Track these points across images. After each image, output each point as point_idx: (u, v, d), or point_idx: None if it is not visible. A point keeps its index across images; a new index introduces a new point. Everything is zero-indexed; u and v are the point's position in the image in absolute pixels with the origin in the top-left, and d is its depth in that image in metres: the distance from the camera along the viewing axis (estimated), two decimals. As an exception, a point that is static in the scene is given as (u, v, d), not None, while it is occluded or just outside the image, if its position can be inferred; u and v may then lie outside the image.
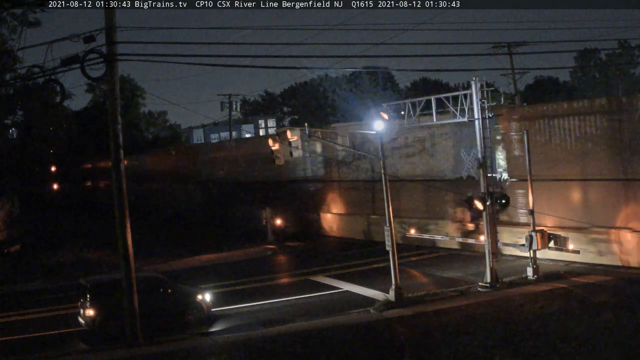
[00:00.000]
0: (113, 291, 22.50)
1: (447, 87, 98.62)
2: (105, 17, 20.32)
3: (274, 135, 27.24)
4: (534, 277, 26.31)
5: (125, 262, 21.01)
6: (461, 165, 33.10)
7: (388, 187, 24.98)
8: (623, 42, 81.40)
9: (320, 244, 40.90)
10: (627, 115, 27.54)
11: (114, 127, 20.97)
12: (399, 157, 37.39)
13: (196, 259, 37.81)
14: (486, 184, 25.58)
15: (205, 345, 20.99)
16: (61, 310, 26.23)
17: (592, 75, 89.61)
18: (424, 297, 24.83)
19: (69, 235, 47.15)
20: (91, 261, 35.39)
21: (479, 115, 25.66)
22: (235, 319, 24.00)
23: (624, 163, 27.58)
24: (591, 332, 19.30)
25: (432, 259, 33.07)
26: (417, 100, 27.33)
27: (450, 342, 19.39)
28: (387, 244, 24.73)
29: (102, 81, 26.75)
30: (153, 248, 39.37)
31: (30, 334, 23.27)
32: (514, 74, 56.82)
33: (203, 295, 24.13)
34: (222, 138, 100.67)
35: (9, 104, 45.46)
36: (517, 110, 34.63)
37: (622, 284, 24.77)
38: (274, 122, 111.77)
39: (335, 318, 23.06)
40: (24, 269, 35.18)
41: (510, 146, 31.83)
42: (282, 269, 35.28)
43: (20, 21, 41.04)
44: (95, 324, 22.21)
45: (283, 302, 26.33)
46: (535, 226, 26.77)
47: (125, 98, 71.93)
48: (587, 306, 22.10)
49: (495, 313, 22.27)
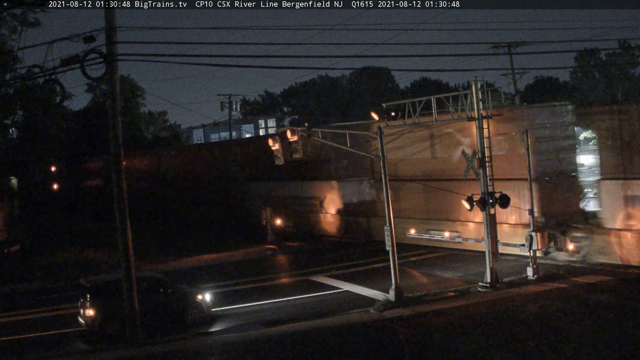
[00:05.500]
0: (113, 291, 22.50)
1: (447, 87, 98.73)
2: (105, 17, 20.33)
3: (274, 135, 27.24)
4: (534, 277, 26.31)
5: (125, 262, 21.01)
6: (462, 165, 33.02)
7: (388, 187, 24.98)
8: (623, 42, 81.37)
9: (320, 244, 40.88)
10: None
11: (114, 127, 20.98)
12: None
13: (196, 259, 37.82)
14: (486, 183, 25.58)
15: (205, 345, 20.99)
16: (61, 310, 26.24)
17: (592, 76, 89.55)
18: (424, 297, 24.83)
19: (69, 235, 47.12)
20: (91, 261, 35.34)
21: (479, 115, 25.70)
22: (235, 319, 24.00)
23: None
24: (591, 332, 19.30)
25: (432, 259, 33.07)
26: (417, 100, 27.33)
27: (450, 342, 19.40)
28: (387, 244, 24.73)
29: (102, 81, 26.77)
30: (153, 248, 39.34)
31: (30, 334, 23.27)
32: (514, 74, 56.74)
33: (203, 295, 24.13)
34: (222, 138, 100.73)
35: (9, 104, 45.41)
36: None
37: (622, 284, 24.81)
38: (274, 122, 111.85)
39: (335, 318, 23.06)
40: (24, 269, 35.15)
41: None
42: (282, 269, 35.27)
43: (20, 21, 40.96)
44: (95, 324, 22.21)
45: (283, 302, 26.32)
46: (534, 226, 26.79)
47: (125, 98, 71.90)
48: (587, 306, 22.10)
49: (495, 313, 22.27)
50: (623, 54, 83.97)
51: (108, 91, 21.46)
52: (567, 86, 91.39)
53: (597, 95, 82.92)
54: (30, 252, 40.06)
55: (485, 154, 25.77)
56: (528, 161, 27.32)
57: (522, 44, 54.13)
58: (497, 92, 52.05)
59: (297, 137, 25.73)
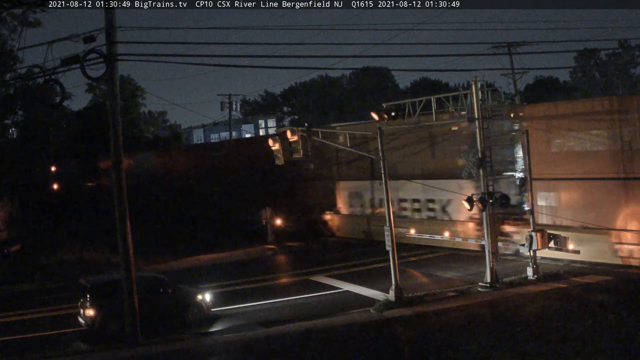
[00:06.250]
0: (113, 291, 22.51)
1: (447, 87, 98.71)
2: (105, 17, 20.32)
3: (274, 136, 27.22)
4: (534, 277, 26.30)
5: (125, 262, 21.00)
6: (462, 165, 33.03)
7: (388, 186, 24.97)
8: (623, 42, 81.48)
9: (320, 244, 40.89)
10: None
11: (114, 127, 20.98)
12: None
13: (196, 259, 37.83)
14: (486, 183, 25.58)
15: (205, 345, 20.99)
16: (61, 310, 26.24)
17: (592, 75, 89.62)
18: (424, 297, 24.82)
19: (69, 235, 47.09)
20: (91, 261, 35.36)
21: (479, 115, 25.69)
22: (235, 319, 24.01)
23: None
24: (591, 332, 19.28)
25: (432, 259, 33.07)
26: (417, 100, 27.32)
27: (450, 342, 19.39)
28: (387, 244, 24.72)
29: (102, 81, 26.75)
30: (153, 248, 39.33)
31: (30, 334, 23.27)
32: (514, 74, 56.76)
33: (203, 295, 24.13)
34: (222, 138, 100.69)
35: (9, 104, 45.44)
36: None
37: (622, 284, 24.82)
38: (274, 122, 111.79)
39: (335, 318, 23.05)
40: (24, 269, 35.16)
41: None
42: (282, 269, 35.26)
43: (20, 21, 41.02)
44: (95, 324, 22.21)
45: (283, 302, 26.32)
46: (535, 225, 26.79)
47: (125, 98, 71.89)
48: (587, 306, 22.10)
49: (495, 313, 22.27)
50: (623, 54, 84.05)
51: (108, 91, 21.46)
52: (567, 86, 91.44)
53: (597, 95, 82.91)
54: (30, 252, 40.05)
55: (485, 153, 25.78)
56: (528, 161, 27.32)
57: (522, 44, 54.18)
58: (497, 92, 52.00)
59: (297, 137, 25.73)
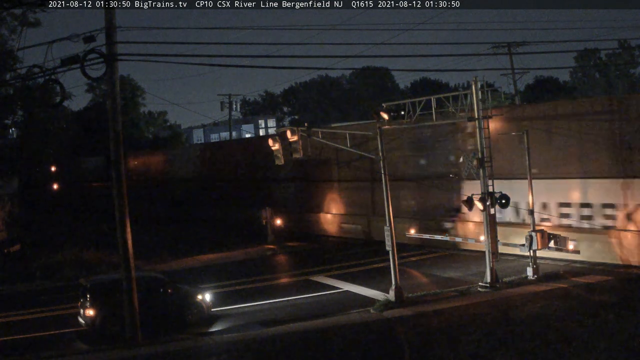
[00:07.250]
0: (113, 291, 22.50)
1: (447, 87, 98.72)
2: (105, 17, 20.32)
3: (274, 135, 27.25)
4: (534, 277, 26.30)
5: (125, 262, 21.00)
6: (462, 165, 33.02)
7: (388, 187, 24.97)
8: (623, 42, 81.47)
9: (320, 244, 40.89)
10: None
11: (114, 127, 20.97)
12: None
13: (196, 259, 37.81)
14: (486, 183, 25.56)
15: (205, 345, 20.98)
16: (61, 310, 26.23)
17: (592, 75, 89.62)
18: (424, 297, 24.82)
19: (69, 235, 47.08)
20: (91, 261, 35.34)
21: (479, 115, 25.68)
22: (235, 319, 24.00)
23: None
24: (591, 332, 19.27)
25: (432, 259, 33.06)
26: (417, 100, 27.32)
27: (450, 342, 19.38)
28: (387, 244, 24.72)
29: (102, 81, 26.76)
30: (153, 248, 39.33)
31: (30, 334, 23.26)
32: (514, 74, 56.84)
33: (203, 295, 24.12)
34: (222, 138, 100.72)
35: (9, 104, 45.45)
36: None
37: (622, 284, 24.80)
38: (274, 122, 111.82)
39: (335, 318, 23.05)
40: (24, 269, 35.15)
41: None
42: (282, 269, 35.26)
43: (20, 21, 41.02)
44: (95, 324, 22.22)
45: (283, 302, 26.32)
46: (535, 226, 26.78)
47: (125, 98, 71.84)
48: (587, 306, 22.09)
49: (495, 313, 22.24)
50: (623, 54, 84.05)
51: (108, 91, 21.47)
52: (567, 86, 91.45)
53: (597, 95, 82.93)
54: (30, 252, 40.05)
55: (485, 153, 25.76)
56: (528, 161, 27.30)
57: (522, 44, 54.24)
58: (497, 92, 52.06)
59: (297, 137, 25.74)
